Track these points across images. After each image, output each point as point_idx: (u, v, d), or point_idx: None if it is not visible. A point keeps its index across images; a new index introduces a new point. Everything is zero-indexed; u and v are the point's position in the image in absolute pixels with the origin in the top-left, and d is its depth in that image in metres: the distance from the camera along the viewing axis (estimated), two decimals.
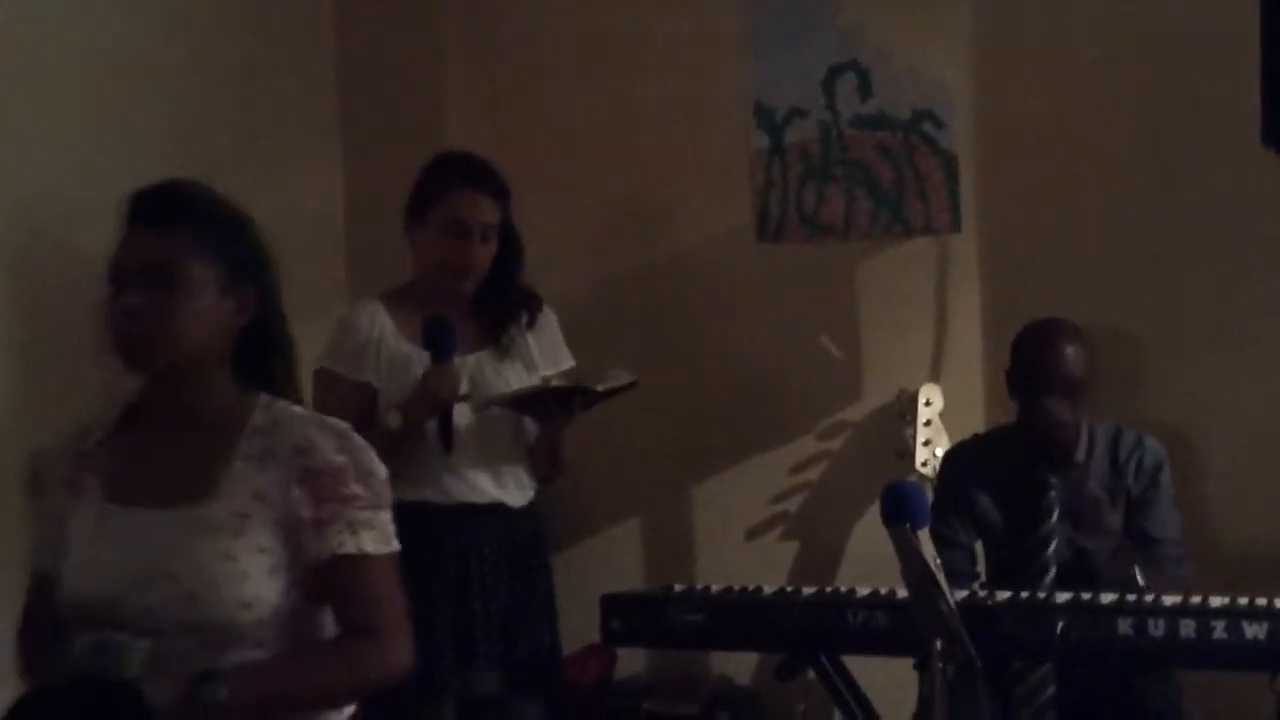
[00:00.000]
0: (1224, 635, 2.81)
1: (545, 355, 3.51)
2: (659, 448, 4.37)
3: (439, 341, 3.33)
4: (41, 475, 2.27)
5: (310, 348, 4.17)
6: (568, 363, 3.56)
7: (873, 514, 2.54)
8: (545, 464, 3.52)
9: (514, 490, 3.47)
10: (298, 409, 2.25)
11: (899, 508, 2.47)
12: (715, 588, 3.27)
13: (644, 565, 3.92)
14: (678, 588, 3.30)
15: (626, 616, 3.21)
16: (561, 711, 3.57)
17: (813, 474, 4.27)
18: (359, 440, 2.22)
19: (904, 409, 4.04)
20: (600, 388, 3.43)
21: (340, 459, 2.17)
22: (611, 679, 4.29)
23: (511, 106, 4.49)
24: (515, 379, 3.43)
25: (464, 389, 3.35)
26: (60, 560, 2.18)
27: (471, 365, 3.41)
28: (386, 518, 2.21)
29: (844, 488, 4.19)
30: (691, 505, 4.36)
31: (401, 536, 3.27)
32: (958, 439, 3.89)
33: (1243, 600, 2.93)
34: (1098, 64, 4.02)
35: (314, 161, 4.38)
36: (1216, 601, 2.95)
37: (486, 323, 3.47)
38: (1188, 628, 2.84)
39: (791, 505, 4.29)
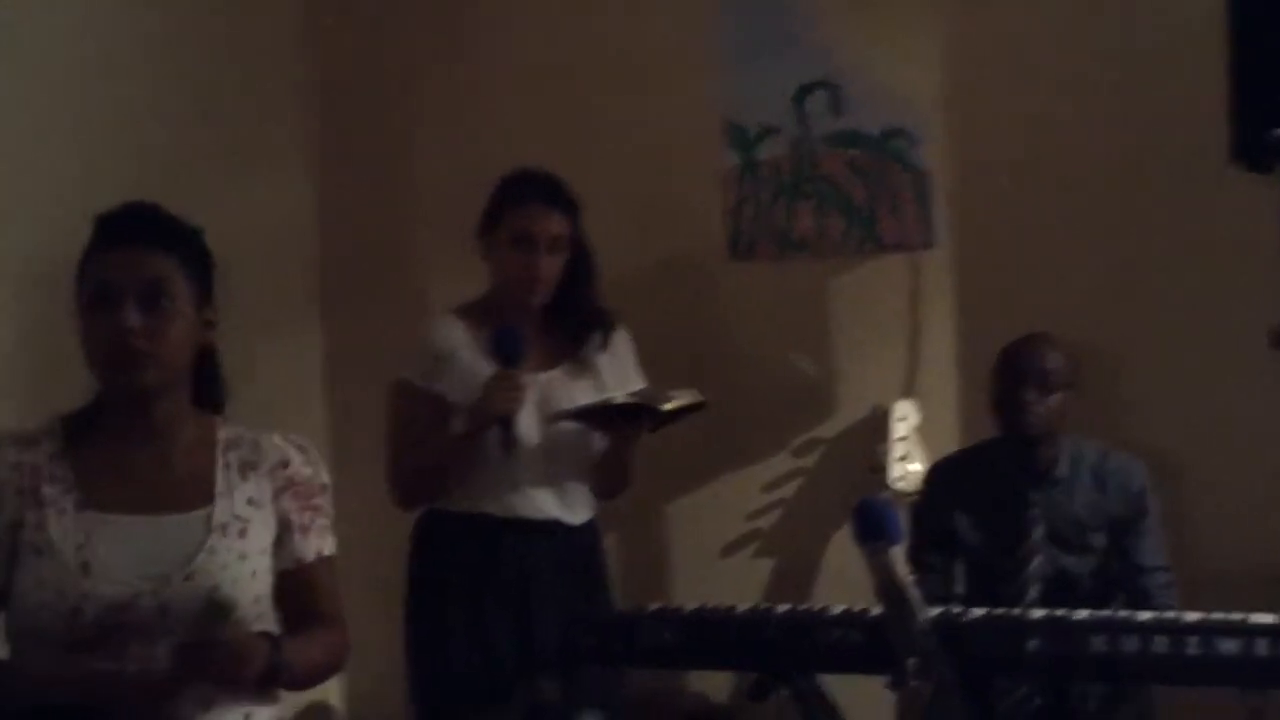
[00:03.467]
0: (1198, 651, 2.81)
1: (616, 377, 3.51)
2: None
3: (505, 349, 3.36)
4: None
5: (284, 362, 4.22)
6: (637, 386, 3.55)
7: (847, 531, 2.52)
8: (612, 478, 3.54)
9: (577, 508, 3.50)
10: (252, 428, 2.34)
11: (870, 525, 2.44)
12: (688, 607, 3.25)
13: (618, 584, 3.90)
14: (651, 607, 3.28)
15: (600, 636, 3.19)
16: None
17: (787, 491, 4.26)
18: (316, 454, 2.38)
19: (879, 425, 4.04)
20: (665, 407, 3.42)
21: (308, 471, 2.33)
22: None
23: (481, 123, 4.47)
24: (584, 399, 3.44)
25: (530, 404, 3.36)
26: (15, 571, 2.17)
27: (542, 383, 3.43)
28: None
29: (818, 505, 4.18)
30: (665, 523, 4.35)
31: (456, 547, 3.33)
32: (933, 455, 3.88)
33: (1216, 616, 2.93)
34: (1069, 81, 4.02)
35: (286, 176, 4.36)
36: (1190, 617, 2.95)
37: (559, 340, 3.50)
38: (1161, 644, 2.84)
39: (766, 522, 4.28)
